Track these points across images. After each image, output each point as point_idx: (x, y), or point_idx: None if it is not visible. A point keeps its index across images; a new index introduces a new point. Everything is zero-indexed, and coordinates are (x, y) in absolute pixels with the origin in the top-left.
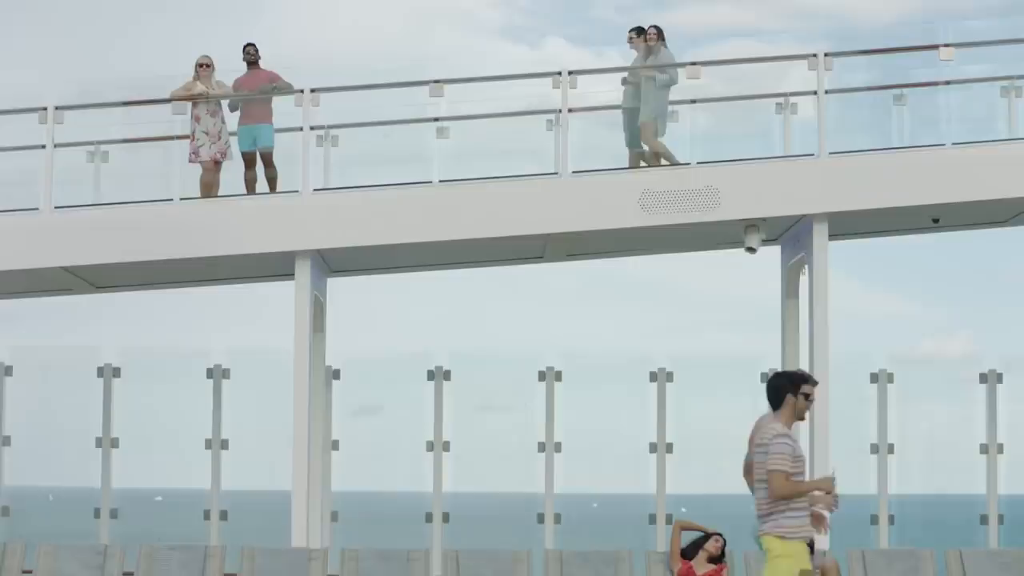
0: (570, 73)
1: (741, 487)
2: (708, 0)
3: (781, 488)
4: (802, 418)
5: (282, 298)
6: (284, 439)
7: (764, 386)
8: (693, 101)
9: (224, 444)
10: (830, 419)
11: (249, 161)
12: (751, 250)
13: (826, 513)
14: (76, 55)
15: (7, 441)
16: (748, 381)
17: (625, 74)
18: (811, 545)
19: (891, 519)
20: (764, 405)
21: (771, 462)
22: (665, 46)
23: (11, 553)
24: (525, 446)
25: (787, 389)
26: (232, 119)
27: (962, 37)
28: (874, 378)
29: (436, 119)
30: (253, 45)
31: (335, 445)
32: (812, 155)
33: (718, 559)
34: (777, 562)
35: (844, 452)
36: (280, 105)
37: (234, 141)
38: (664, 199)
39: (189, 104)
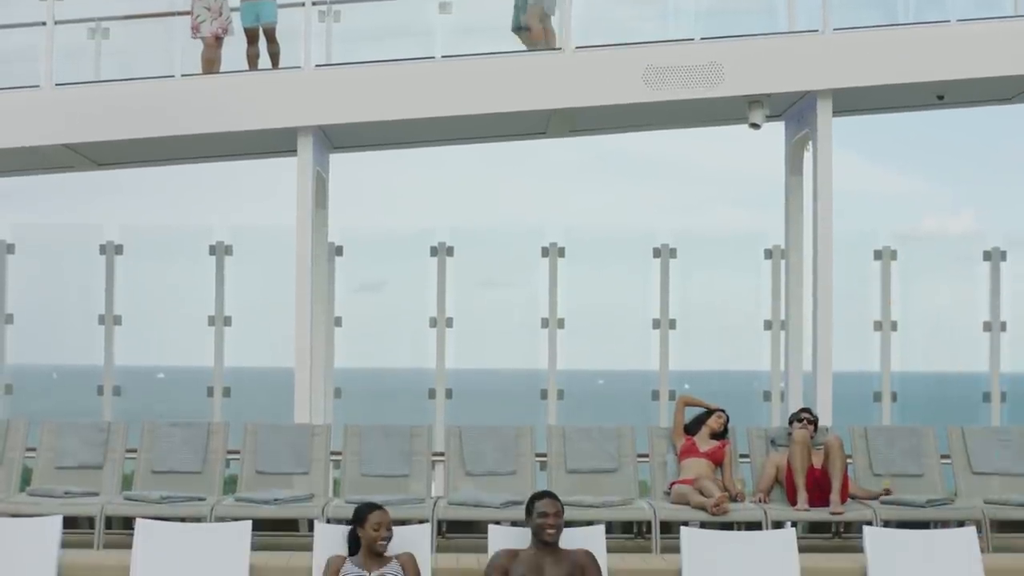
0: None
1: (743, 363)
2: None
3: None
4: None
5: (284, 175)
6: (287, 316)
7: None
8: None
9: (227, 321)
10: (833, 296)
11: (251, 37)
12: (755, 126)
13: None
14: None
15: (10, 319)
16: (751, 257)
17: None
18: (815, 423)
19: (894, 396)
20: (767, 281)
21: None
22: None
23: (14, 430)
24: (528, 322)
25: None
26: None
27: None
28: (877, 255)
29: None
30: None
31: (338, 322)
32: (816, 31)
33: (720, 435)
34: None
35: (847, 329)
36: None
37: (236, 17)
38: (667, 74)
39: None
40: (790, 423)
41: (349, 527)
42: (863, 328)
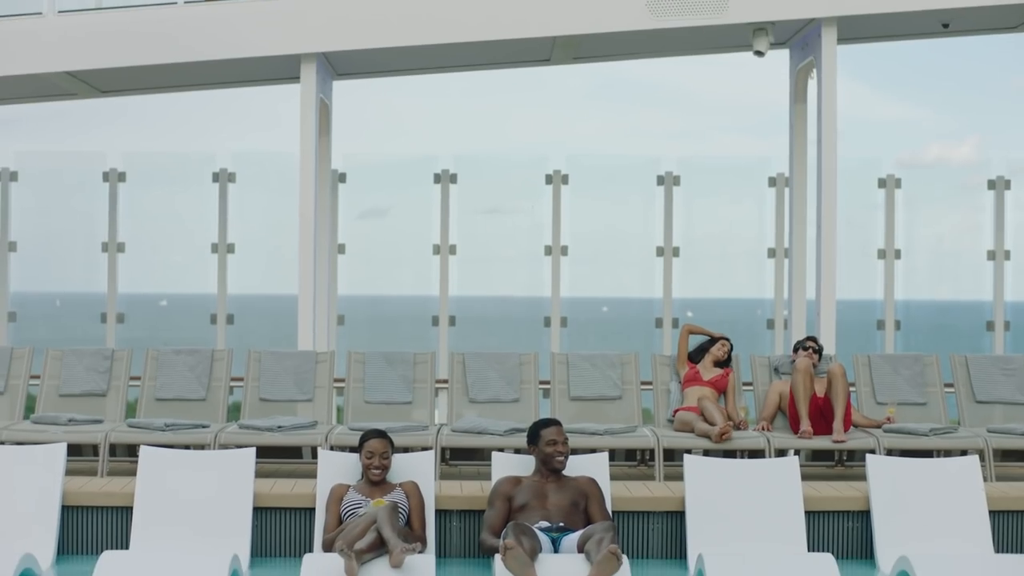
0: None
1: (747, 291)
2: None
3: None
4: None
5: (287, 102)
6: (290, 243)
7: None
8: None
9: (230, 248)
10: (837, 224)
11: None
12: (759, 54)
13: None
14: None
15: (13, 247)
16: (755, 185)
17: None
18: (819, 351)
19: (897, 324)
20: (771, 209)
21: None
22: None
23: (18, 357)
24: (531, 249)
25: None
26: None
27: None
28: (881, 183)
29: None
30: None
31: (341, 249)
32: None
33: (724, 363)
34: None
35: (851, 257)
36: None
37: None
38: (672, 2)
39: None
40: (794, 351)
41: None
42: (867, 256)
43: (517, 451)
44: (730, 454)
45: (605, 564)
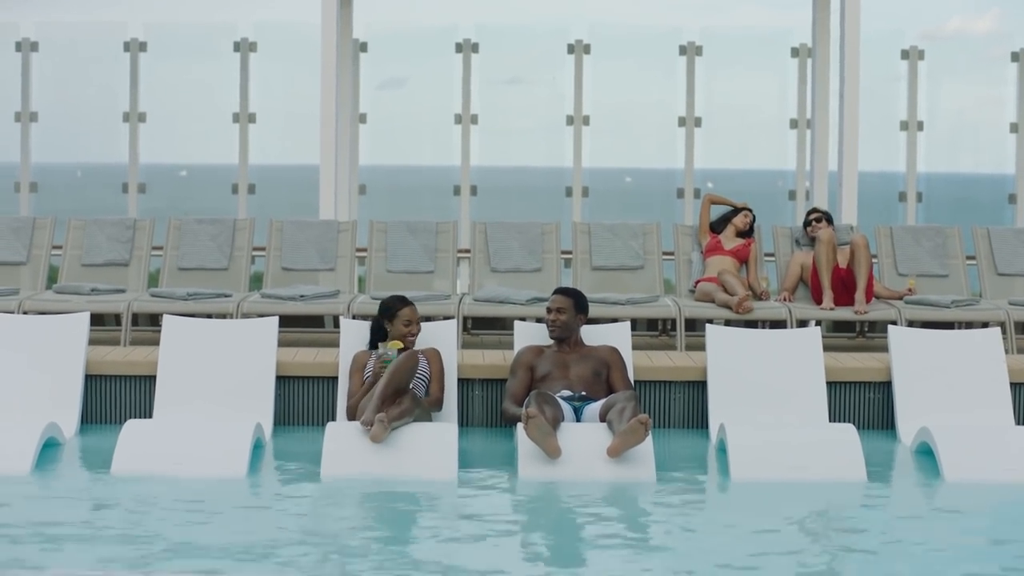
0: None
1: (769, 162)
2: None
3: None
4: None
5: None
6: (311, 113)
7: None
8: None
9: (251, 118)
10: (859, 95)
11: None
12: None
13: None
14: None
15: (34, 117)
16: (777, 56)
17: None
18: (829, 218)
19: (919, 196)
20: (794, 79)
21: None
22: None
23: (40, 227)
24: (553, 119)
25: None
26: None
27: None
28: (904, 55)
29: None
30: None
31: (362, 118)
32: None
33: (746, 233)
34: None
35: (873, 128)
36: None
37: None
38: None
39: None
40: (805, 227)
41: (374, 320)
42: (889, 128)
43: (539, 320)
44: (751, 324)
45: (631, 433)
